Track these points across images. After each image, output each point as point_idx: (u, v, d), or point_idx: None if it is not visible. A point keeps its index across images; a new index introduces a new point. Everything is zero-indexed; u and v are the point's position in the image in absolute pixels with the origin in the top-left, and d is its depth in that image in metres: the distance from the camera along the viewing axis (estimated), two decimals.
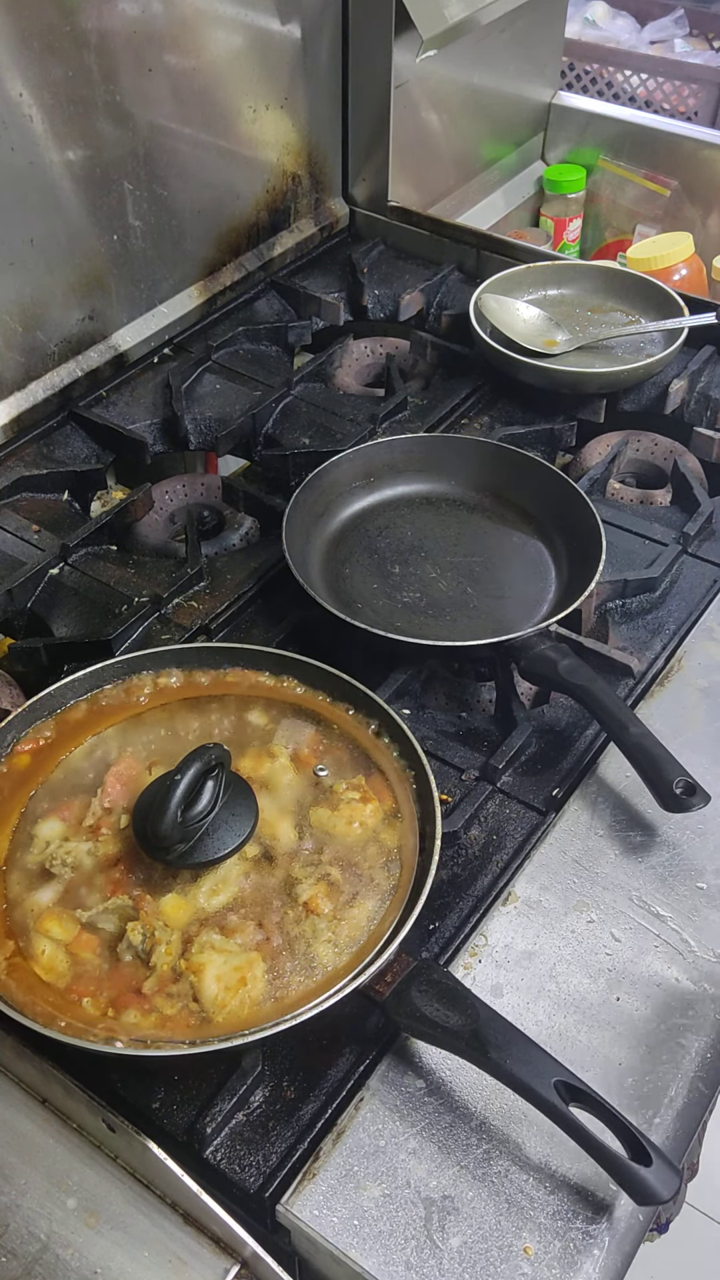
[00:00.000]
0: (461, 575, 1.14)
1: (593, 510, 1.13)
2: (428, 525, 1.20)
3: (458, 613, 1.11)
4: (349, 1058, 0.80)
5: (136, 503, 1.24)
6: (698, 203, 1.91)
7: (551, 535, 1.18)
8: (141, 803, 0.84)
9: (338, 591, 1.13)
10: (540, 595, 1.12)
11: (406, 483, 1.24)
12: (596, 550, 1.09)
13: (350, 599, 1.12)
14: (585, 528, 1.12)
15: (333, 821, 0.88)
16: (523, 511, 1.21)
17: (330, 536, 1.19)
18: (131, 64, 1.29)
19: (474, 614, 1.10)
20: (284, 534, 1.11)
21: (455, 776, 0.98)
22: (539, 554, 1.17)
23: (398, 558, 1.16)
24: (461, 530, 1.20)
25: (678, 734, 1.01)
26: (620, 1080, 0.79)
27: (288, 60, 1.49)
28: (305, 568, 1.11)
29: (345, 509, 1.22)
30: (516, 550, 1.18)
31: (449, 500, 1.23)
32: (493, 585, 1.13)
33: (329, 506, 1.21)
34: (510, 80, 1.85)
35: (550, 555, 1.16)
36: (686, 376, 1.36)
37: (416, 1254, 0.71)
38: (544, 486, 1.19)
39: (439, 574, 1.14)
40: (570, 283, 1.52)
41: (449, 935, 0.87)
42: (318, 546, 1.18)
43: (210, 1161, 0.75)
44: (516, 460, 1.22)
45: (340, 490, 1.22)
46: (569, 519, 1.16)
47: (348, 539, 1.19)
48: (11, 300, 1.27)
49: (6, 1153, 0.77)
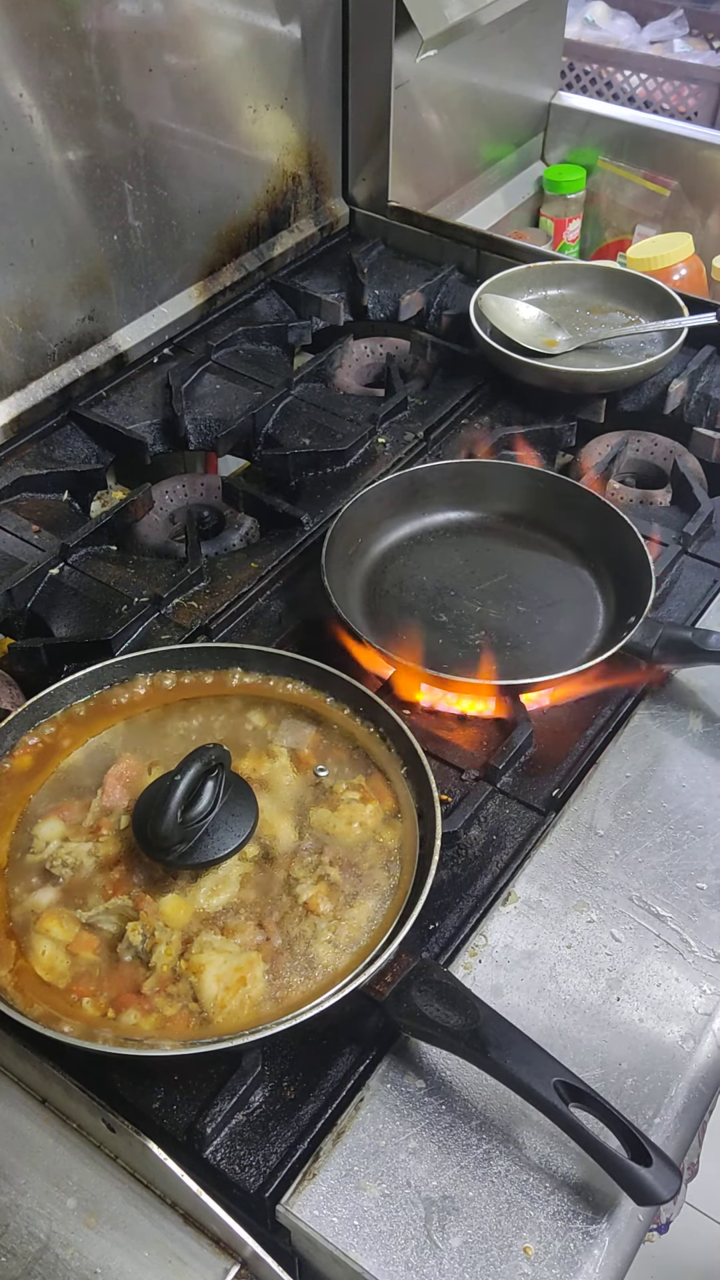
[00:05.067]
0: (510, 603, 1.11)
1: (634, 530, 1.11)
2: (470, 554, 1.17)
3: (521, 646, 1.08)
4: (349, 1058, 0.80)
5: (136, 503, 1.24)
6: (697, 203, 1.91)
7: (592, 558, 1.15)
8: (141, 803, 0.84)
9: (377, 618, 1.10)
10: (590, 622, 1.10)
11: (444, 510, 1.21)
12: (643, 566, 1.07)
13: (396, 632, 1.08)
14: (626, 547, 1.11)
15: (333, 822, 0.88)
16: (563, 537, 1.18)
17: (368, 569, 1.15)
18: (131, 64, 1.29)
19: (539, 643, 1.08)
20: (325, 577, 1.07)
21: (455, 776, 0.98)
22: (585, 582, 1.14)
23: (439, 593, 1.13)
24: (504, 557, 1.17)
25: (678, 734, 1.02)
26: (620, 1080, 0.79)
27: (288, 60, 1.49)
28: (346, 603, 1.07)
29: (382, 540, 1.18)
30: (561, 576, 1.15)
31: (487, 528, 1.20)
32: (543, 613, 1.11)
33: (364, 540, 1.17)
34: (510, 80, 1.85)
35: (594, 580, 1.14)
36: (686, 376, 1.36)
37: (416, 1254, 0.71)
38: (584, 511, 1.17)
39: (484, 606, 1.11)
40: (570, 283, 1.52)
41: (449, 935, 0.87)
42: (356, 581, 1.14)
43: (210, 1161, 0.75)
44: (558, 486, 1.19)
45: (376, 521, 1.18)
46: (609, 541, 1.14)
47: (388, 572, 1.15)
48: (11, 300, 1.27)
49: (6, 1153, 0.77)
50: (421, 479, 1.20)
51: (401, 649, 1.04)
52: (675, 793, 0.97)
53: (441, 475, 1.21)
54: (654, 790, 0.97)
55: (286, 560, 1.18)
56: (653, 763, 0.99)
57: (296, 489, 1.29)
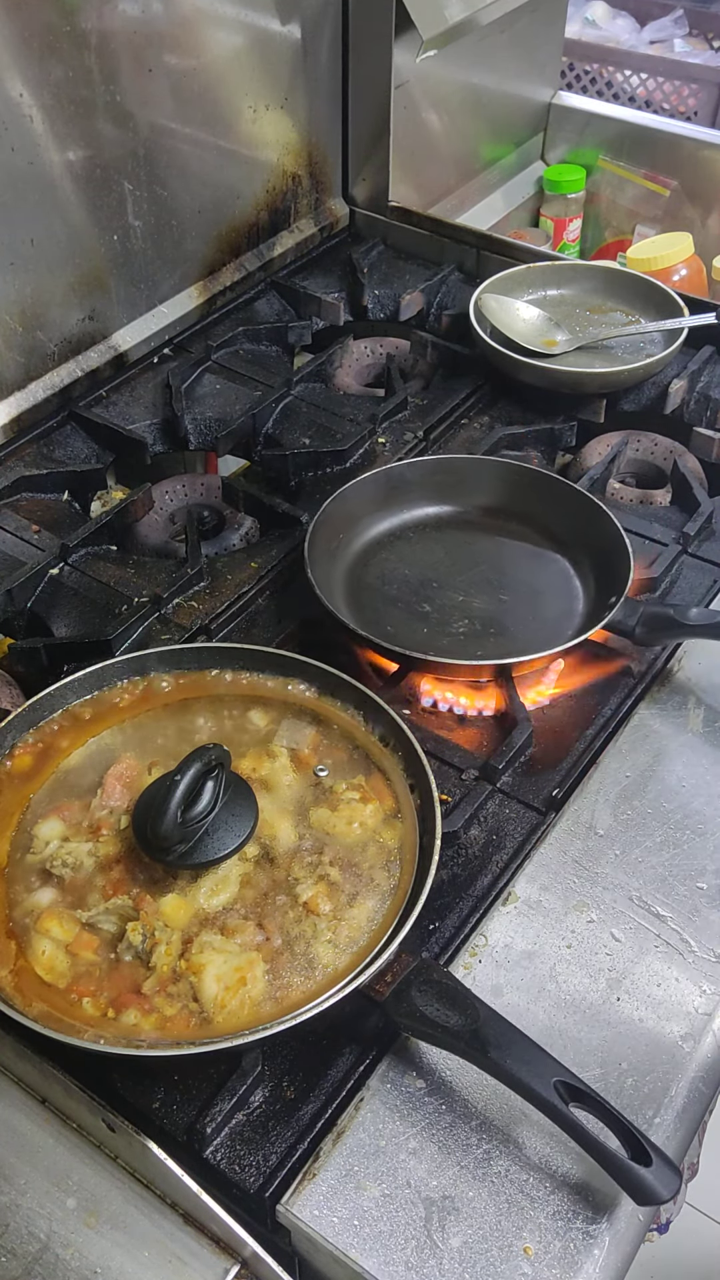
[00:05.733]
0: (492, 592, 1.13)
1: (610, 515, 1.12)
2: (451, 547, 1.18)
3: (504, 631, 1.09)
4: (349, 1058, 0.80)
5: (136, 503, 1.24)
6: (698, 203, 1.91)
7: (571, 546, 1.16)
8: (141, 803, 0.84)
9: (362, 610, 1.10)
10: (570, 606, 1.12)
11: (424, 505, 1.22)
12: (619, 545, 1.09)
13: (379, 620, 1.10)
14: (603, 532, 1.12)
15: (333, 822, 0.88)
16: (540, 527, 1.19)
17: (350, 563, 1.16)
18: (131, 64, 1.29)
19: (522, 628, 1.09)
20: (308, 568, 1.07)
21: (455, 776, 0.98)
22: (564, 568, 1.15)
23: (422, 585, 1.13)
24: (484, 549, 1.18)
25: (677, 734, 1.02)
26: (620, 1080, 0.79)
27: (288, 60, 1.49)
28: (332, 597, 1.08)
29: (364, 535, 1.19)
30: (540, 565, 1.16)
31: (467, 521, 1.21)
32: (525, 601, 1.12)
33: (345, 535, 1.17)
34: (510, 80, 1.85)
35: (573, 567, 1.15)
36: (686, 376, 1.36)
37: (416, 1254, 0.71)
38: (560, 501, 1.18)
39: (467, 596, 1.12)
40: (570, 283, 1.52)
41: (449, 935, 0.87)
42: (339, 574, 1.15)
43: (210, 1161, 0.75)
44: (534, 478, 1.20)
45: (358, 516, 1.19)
46: (586, 528, 1.15)
47: (370, 565, 1.16)
48: (11, 300, 1.27)
49: (6, 1153, 0.77)
50: (400, 475, 1.21)
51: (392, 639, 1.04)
52: (675, 793, 0.97)
53: (420, 471, 1.22)
54: (654, 790, 0.97)
55: (286, 560, 1.18)
56: (653, 763, 0.99)
57: (296, 489, 1.29)
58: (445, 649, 1.06)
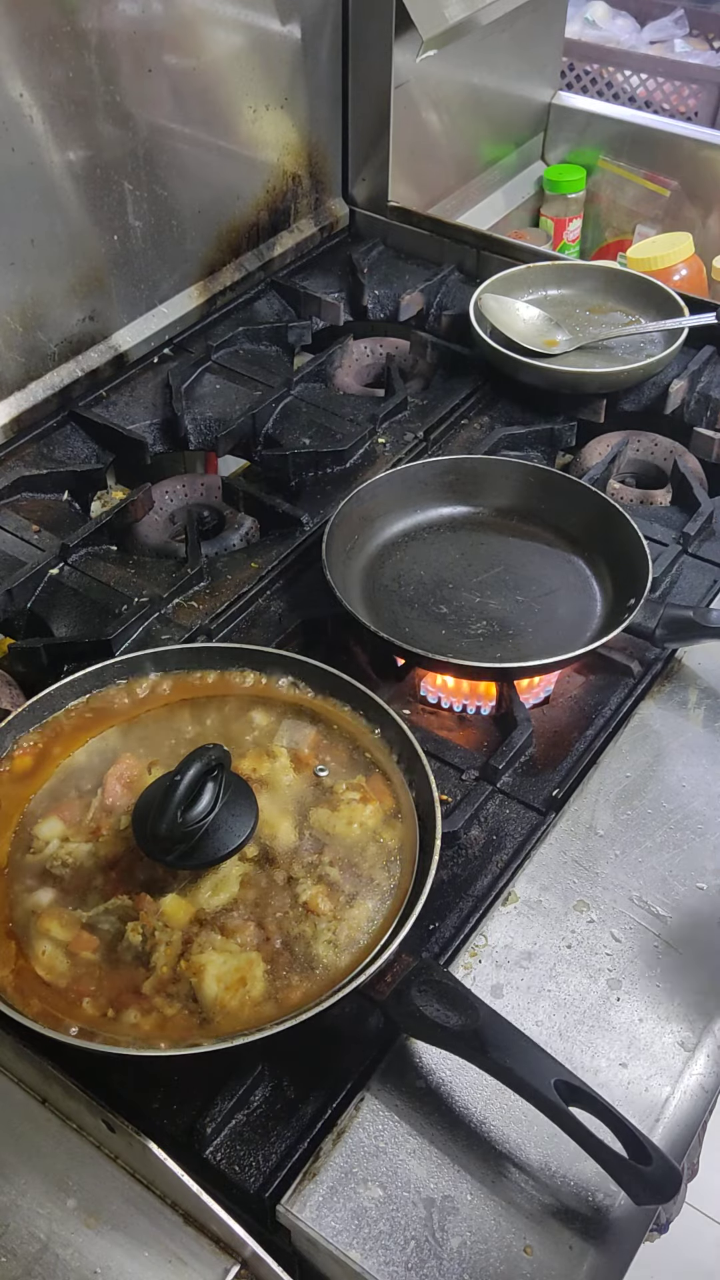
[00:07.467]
0: (508, 594, 1.12)
1: (626, 517, 1.12)
2: (466, 548, 1.17)
3: (522, 634, 1.08)
4: (349, 1058, 0.80)
5: (136, 503, 1.24)
6: (698, 203, 1.91)
7: (586, 547, 1.16)
8: (141, 803, 0.84)
9: (379, 611, 1.10)
10: (589, 608, 1.11)
11: (438, 505, 1.21)
12: (639, 553, 1.09)
13: (396, 621, 1.09)
14: (620, 533, 1.12)
15: (333, 822, 0.88)
16: (556, 528, 1.19)
17: (366, 565, 1.16)
18: (131, 64, 1.29)
19: (540, 630, 1.09)
20: (327, 571, 1.07)
21: (455, 776, 0.98)
22: (580, 570, 1.15)
23: (438, 586, 1.13)
24: (499, 550, 1.18)
25: (677, 734, 1.02)
26: (620, 1080, 0.79)
27: (288, 60, 1.49)
28: (349, 599, 1.07)
29: (379, 536, 1.19)
30: (556, 566, 1.16)
31: (481, 522, 1.20)
32: (542, 601, 1.12)
33: (360, 536, 1.17)
34: (510, 80, 1.85)
35: (589, 568, 1.15)
36: (686, 376, 1.36)
37: (416, 1254, 0.71)
38: (576, 502, 1.17)
39: (483, 597, 1.12)
40: (570, 283, 1.52)
41: (449, 935, 0.87)
42: (355, 576, 1.14)
43: (210, 1161, 0.75)
44: (549, 479, 1.20)
45: (373, 517, 1.19)
46: (603, 530, 1.15)
47: (386, 567, 1.16)
48: (11, 300, 1.27)
49: (6, 1153, 0.77)
50: (414, 476, 1.21)
51: (411, 641, 1.04)
52: (675, 793, 0.97)
53: (434, 472, 1.21)
54: (654, 790, 0.97)
55: (286, 560, 1.18)
56: (653, 763, 0.99)
57: (296, 489, 1.29)
58: (464, 651, 1.06)
